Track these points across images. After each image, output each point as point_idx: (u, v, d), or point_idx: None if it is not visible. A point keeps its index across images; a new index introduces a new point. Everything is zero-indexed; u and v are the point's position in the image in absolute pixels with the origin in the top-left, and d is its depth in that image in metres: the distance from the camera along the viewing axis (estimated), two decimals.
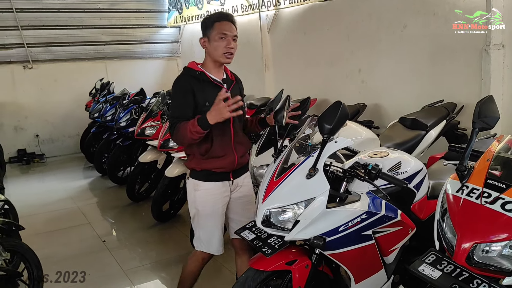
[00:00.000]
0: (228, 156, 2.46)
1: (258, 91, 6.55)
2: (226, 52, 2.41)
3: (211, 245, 2.55)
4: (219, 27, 2.38)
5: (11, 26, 7.71)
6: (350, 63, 5.23)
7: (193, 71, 2.43)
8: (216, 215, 2.52)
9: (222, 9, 7.16)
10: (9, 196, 5.62)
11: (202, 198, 2.49)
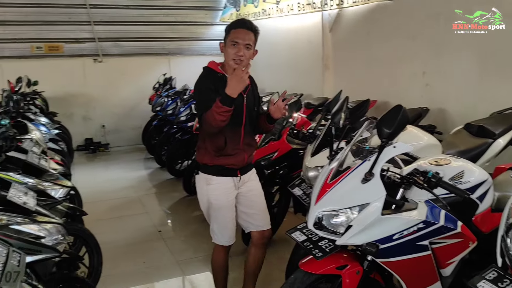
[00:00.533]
0: (239, 154, 2.61)
1: (316, 91, 6.49)
2: (235, 59, 2.49)
3: (223, 236, 2.73)
4: (233, 34, 2.50)
5: (84, 21, 8.17)
6: (414, 64, 5.04)
7: (215, 72, 2.57)
8: (227, 207, 2.67)
9: (277, 7, 7.16)
10: (76, 182, 5.95)
11: (215, 191, 2.63)
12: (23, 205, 1.98)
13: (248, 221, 2.78)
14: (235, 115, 2.46)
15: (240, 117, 2.56)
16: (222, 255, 2.83)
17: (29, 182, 2.69)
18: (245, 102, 2.56)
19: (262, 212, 2.80)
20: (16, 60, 7.82)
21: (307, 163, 2.95)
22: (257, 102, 2.72)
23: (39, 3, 7.79)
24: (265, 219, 2.81)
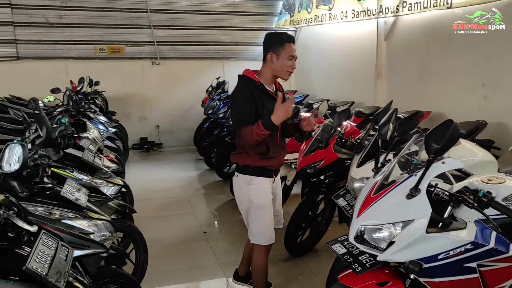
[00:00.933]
0: (277, 157, 2.81)
1: (368, 100, 6.37)
2: (290, 71, 2.70)
3: (263, 236, 2.82)
4: (289, 48, 2.67)
5: (144, 25, 8.50)
6: (473, 76, 4.82)
7: (253, 81, 2.69)
8: (268, 206, 2.81)
9: (330, 14, 7.09)
10: (129, 179, 6.21)
11: (257, 192, 2.76)
12: (75, 201, 2.09)
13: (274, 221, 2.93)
14: None
15: None
16: (262, 255, 2.89)
17: (83, 179, 2.84)
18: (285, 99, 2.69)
19: (280, 210, 3.04)
20: (80, 61, 8.26)
21: (352, 173, 2.90)
22: None
23: (104, 7, 8.20)
24: (281, 218, 3.06)
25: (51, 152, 2.85)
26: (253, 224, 2.82)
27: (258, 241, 2.85)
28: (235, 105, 2.71)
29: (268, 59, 2.69)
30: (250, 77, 2.71)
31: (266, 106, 2.63)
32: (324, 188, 3.65)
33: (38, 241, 1.56)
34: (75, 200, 2.11)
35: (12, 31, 7.79)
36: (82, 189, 2.28)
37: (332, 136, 3.57)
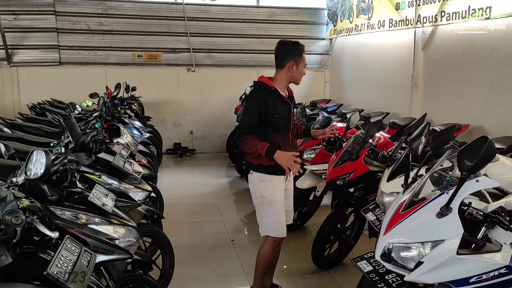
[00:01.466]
0: None
1: (404, 111, 6.21)
2: (301, 78, 3.06)
3: (276, 229, 3.00)
4: (305, 58, 3.02)
5: (182, 32, 8.66)
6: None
7: (268, 86, 2.93)
8: (279, 202, 3.00)
9: (368, 23, 7.00)
10: (161, 184, 6.32)
11: (270, 188, 2.97)
12: (102, 206, 2.12)
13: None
14: (285, 122, 2.95)
15: (288, 123, 2.99)
16: (269, 248, 3.08)
17: (113, 184, 2.89)
18: (292, 111, 3.03)
19: (291, 208, 3.23)
20: (119, 67, 8.49)
21: (382, 188, 2.82)
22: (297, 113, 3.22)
23: (143, 15, 8.42)
24: (291, 215, 3.24)
25: (83, 156, 2.92)
26: (266, 218, 3.02)
27: (269, 233, 3.04)
28: (247, 107, 3.01)
29: (288, 66, 2.93)
30: (266, 83, 2.95)
31: (278, 109, 2.90)
32: (353, 201, 3.56)
33: (62, 246, 1.59)
34: (102, 205, 2.14)
35: (56, 37, 8.12)
36: (109, 195, 2.32)
37: (363, 148, 3.49)
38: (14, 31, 7.87)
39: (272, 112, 2.87)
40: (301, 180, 4.36)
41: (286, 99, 2.97)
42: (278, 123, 2.91)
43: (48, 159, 1.56)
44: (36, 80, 8.13)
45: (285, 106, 2.94)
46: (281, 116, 2.89)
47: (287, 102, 2.97)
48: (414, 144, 2.19)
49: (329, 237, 3.70)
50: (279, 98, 2.92)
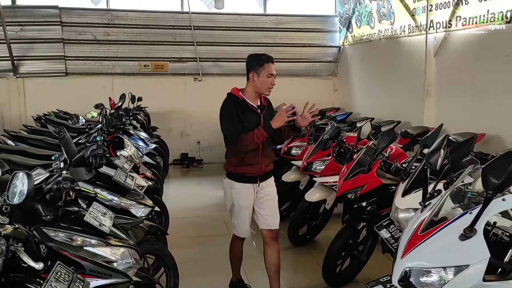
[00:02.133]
0: (257, 165, 3.12)
1: (416, 119, 6.04)
2: (270, 88, 3.10)
3: (241, 230, 3.32)
4: (268, 67, 3.05)
5: (188, 42, 8.58)
6: None
7: (236, 97, 3.10)
8: (246, 207, 3.22)
9: (392, 28, 6.85)
10: (168, 196, 6.21)
11: (236, 195, 3.20)
12: (99, 227, 2.00)
13: (260, 219, 3.29)
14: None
15: None
16: (237, 244, 3.45)
17: (113, 200, 2.77)
18: (262, 120, 3.10)
19: (274, 213, 3.31)
20: (125, 77, 8.43)
21: (397, 203, 2.66)
22: None
23: (149, 25, 8.36)
24: (274, 220, 3.31)
25: (83, 171, 2.80)
26: (235, 220, 3.32)
27: (238, 234, 3.36)
28: (225, 119, 3.11)
29: (250, 77, 3.07)
30: (234, 94, 3.13)
31: (247, 118, 3.04)
32: (366, 216, 3.40)
33: (51, 275, 1.46)
34: (99, 225, 2.01)
35: (62, 47, 8.09)
36: (108, 213, 2.19)
37: (375, 160, 3.33)
38: (20, 42, 7.85)
39: (242, 122, 3.03)
40: (311, 193, 4.22)
41: (254, 108, 3.11)
42: (247, 131, 3.01)
43: (30, 183, 1.44)
44: (42, 91, 8.09)
45: (253, 115, 3.09)
46: (249, 125, 3.02)
47: (255, 111, 3.12)
48: (433, 159, 2.04)
49: (340, 253, 3.53)
50: (247, 108, 3.08)
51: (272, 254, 3.29)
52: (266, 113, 3.18)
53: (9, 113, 8.08)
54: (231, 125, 3.05)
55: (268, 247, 3.31)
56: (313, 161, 4.40)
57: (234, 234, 3.43)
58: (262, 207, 3.27)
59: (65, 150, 2.06)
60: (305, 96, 8.89)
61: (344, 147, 4.42)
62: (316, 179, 4.28)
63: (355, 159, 3.55)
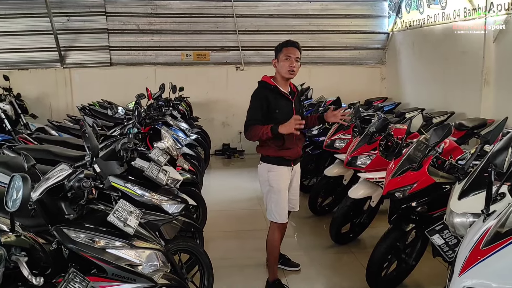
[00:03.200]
0: (294, 148, 3.30)
1: (472, 110, 5.59)
2: (289, 70, 3.18)
3: (280, 215, 3.35)
4: (285, 51, 3.20)
5: (230, 30, 8.43)
6: None
7: (269, 84, 3.27)
8: (284, 191, 3.34)
9: (443, 13, 6.36)
10: (207, 187, 6.14)
11: (275, 178, 3.31)
12: (123, 227, 1.87)
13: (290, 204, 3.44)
14: (286, 116, 3.11)
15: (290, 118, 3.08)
16: (277, 232, 3.44)
17: (144, 195, 2.66)
18: (293, 106, 3.29)
19: (297, 196, 3.55)
20: (168, 66, 8.42)
21: (452, 206, 2.37)
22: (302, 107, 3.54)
23: (191, 13, 8.28)
24: (297, 203, 3.58)
25: (115, 165, 2.71)
26: (272, 205, 3.35)
27: (274, 219, 3.37)
28: (251, 104, 3.27)
29: (273, 64, 3.29)
30: (267, 81, 3.29)
31: (279, 105, 3.20)
32: (415, 217, 3.12)
33: (63, 284, 1.33)
34: (124, 226, 1.89)
35: (107, 38, 8.17)
36: (134, 212, 2.06)
37: (427, 156, 3.02)
38: (66, 33, 8.00)
39: (273, 108, 3.18)
40: (354, 189, 3.96)
41: (286, 95, 3.26)
42: (279, 117, 3.13)
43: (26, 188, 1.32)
44: (88, 81, 8.24)
45: (285, 101, 3.24)
46: (281, 111, 3.18)
47: (287, 97, 3.26)
48: (498, 160, 1.75)
49: (386, 256, 3.27)
50: (279, 94, 3.23)
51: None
52: (296, 99, 3.36)
53: (57, 103, 8.29)
54: (252, 113, 3.22)
55: None
56: (358, 155, 4.12)
57: (272, 222, 3.42)
58: (292, 192, 3.47)
59: (87, 145, 1.95)
60: (351, 86, 8.69)
61: (392, 140, 4.11)
62: (360, 174, 4.00)
63: (404, 154, 3.25)
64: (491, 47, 5.45)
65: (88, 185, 1.80)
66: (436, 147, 3.00)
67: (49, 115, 8.10)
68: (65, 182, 1.84)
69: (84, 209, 1.96)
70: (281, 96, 3.24)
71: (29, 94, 8.05)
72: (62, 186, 1.84)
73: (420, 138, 3.27)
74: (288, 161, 3.29)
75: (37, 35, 7.87)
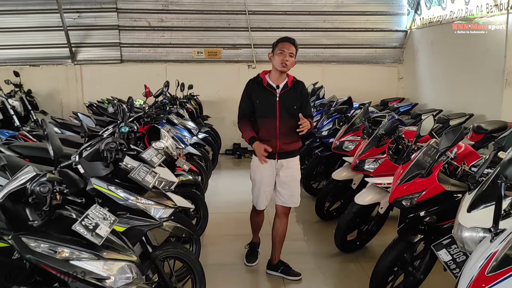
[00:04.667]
0: (271, 141, 3.35)
1: (492, 112, 5.28)
2: (282, 63, 3.28)
3: (256, 202, 3.63)
4: (280, 45, 3.31)
5: (242, 27, 8.26)
6: None
7: (257, 77, 3.47)
8: (261, 182, 3.51)
9: (466, 8, 6.04)
10: (215, 188, 6.00)
11: (253, 167, 3.55)
12: (90, 237, 1.70)
13: (278, 196, 3.57)
14: (267, 108, 3.35)
15: (273, 111, 3.33)
16: (254, 214, 3.77)
17: (129, 199, 2.50)
18: (277, 99, 3.35)
19: (297, 193, 3.58)
20: (179, 64, 8.31)
21: (461, 219, 2.13)
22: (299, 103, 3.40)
23: (203, 10, 8.14)
24: (297, 199, 3.60)
25: (100, 166, 2.55)
26: (253, 190, 3.62)
27: (253, 204, 3.67)
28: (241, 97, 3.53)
29: (270, 58, 3.39)
30: (258, 75, 3.47)
31: (260, 97, 3.37)
32: (424, 227, 2.88)
33: None
34: (91, 235, 1.72)
35: (117, 34, 8.09)
36: (109, 218, 1.89)
37: (437, 162, 2.78)
38: (77, 29, 7.95)
39: (255, 99, 3.38)
40: (362, 195, 3.73)
41: (270, 88, 3.36)
42: (259, 108, 3.37)
43: None
44: (99, 78, 8.18)
45: (268, 94, 3.35)
46: (262, 102, 3.35)
47: (271, 91, 3.35)
48: (510, 171, 1.53)
49: (392, 268, 3.04)
50: (262, 87, 3.37)
51: (280, 225, 3.63)
52: (285, 94, 3.36)
53: (68, 99, 8.26)
54: (240, 104, 3.52)
55: (278, 219, 3.64)
56: (366, 158, 3.89)
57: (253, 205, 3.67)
58: (283, 186, 3.51)
59: (51, 147, 1.80)
60: (366, 85, 8.40)
61: (403, 143, 3.87)
62: (368, 179, 3.77)
63: (413, 159, 3.02)
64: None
65: (46, 190, 1.64)
66: (447, 152, 2.76)
67: (60, 111, 8.08)
68: (27, 185, 1.69)
69: (51, 215, 1.80)
70: (264, 89, 3.37)
71: (40, 90, 8.06)
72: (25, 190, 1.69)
73: (430, 142, 3.03)
74: (268, 153, 3.33)
75: (48, 31, 7.83)
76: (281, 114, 3.34)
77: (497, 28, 4.93)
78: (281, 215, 3.63)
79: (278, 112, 3.34)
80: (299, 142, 3.53)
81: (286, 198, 3.54)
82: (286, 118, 3.35)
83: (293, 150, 3.49)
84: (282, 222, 3.63)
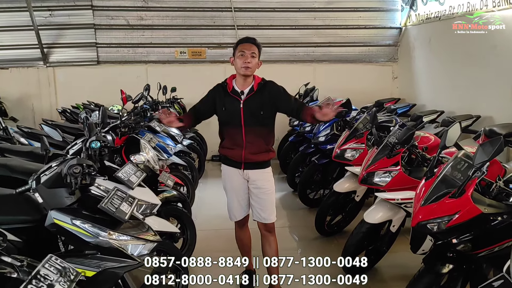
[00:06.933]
0: (235, 150, 3.13)
1: (503, 115, 4.90)
2: (243, 66, 3.03)
3: (229, 213, 3.41)
4: (240, 47, 3.09)
5: (228, 25, 7.81)
6: None
7: (223, 82, 3.21)
8: (231, 191, 3.30)
9: (468, 3, 5.66)
10: (202, 199, 5.52)
11: (223, 176, 3.34)
12: None
13: (254, 212, 3.29)
14: (232, 115, 3.09)
15: (237, 119, 3.07)
16: (237, 228, 3.48)
17: (99, 235, 1.99)
18: (241, 106, 3.06)
19: (268, 208, 3.24)
20: (160, 65, 7.81)
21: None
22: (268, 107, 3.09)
23: (186, 7, 7.66)
24: (268, 215, 3.25)
25: (63, 194, 2.04)
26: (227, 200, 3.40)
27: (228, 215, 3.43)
28: None
29: (231, 62, 3.17)
30: (225, 80, 3.21)
31: (225, 103, 3.12)
32: (453, 255, 2.44)
33: None
34: None
35: (93, 34, 7.55)
36: (68, 270, 1.40)
37: (471, 179, 2.34)
38: (49, 29, 7.37)
39: (220, 106, 3.15)
40: (372, 212, 3.29)
41: (233, 95, 3.11)
42: (223, 116, 3.16)
43: None
44: (74, 80, 7.61)
45: (232, 100, 3.10)
46: (227, 110, 3.11)
47: (234, 97, 3.10)
48: None
49: None
50: (227, 94, 3.13)
51: (268, 246, 3.32)
52: (250, 99, 3.07)
53: (40, 104, 7.67)
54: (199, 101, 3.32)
55: (263, 238, 3.36)
56: (375, 171, 3.43)
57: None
58: (255, 200, 3.26)
59: None
60: (359, 85, 7.97)
61: (416, 153, 3.42)
62: (378, 194, 3.32)
63: (438, 174, 2.58)
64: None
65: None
66: (484, 167, 2.32)
67: (32, 118, 7.49)
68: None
69: None
70: (229, 96, 3.13)
71: (9, 95, 7.45)
72: None
73: (458, 154, 2.59)
74: (233, 162, 3.17)
75: (17, 30, 7.25)
76: (246, 122, 3.07)
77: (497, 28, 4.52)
78: (265, 233, 3.32)
79: (243, 119, 3.06)
80: (270, 152, 3.21)
81: (261, 213, 3.24)
82: (253, 125, 3.08)
83: (261, 161, 3.17)
84: (268, 241, 3.31)
